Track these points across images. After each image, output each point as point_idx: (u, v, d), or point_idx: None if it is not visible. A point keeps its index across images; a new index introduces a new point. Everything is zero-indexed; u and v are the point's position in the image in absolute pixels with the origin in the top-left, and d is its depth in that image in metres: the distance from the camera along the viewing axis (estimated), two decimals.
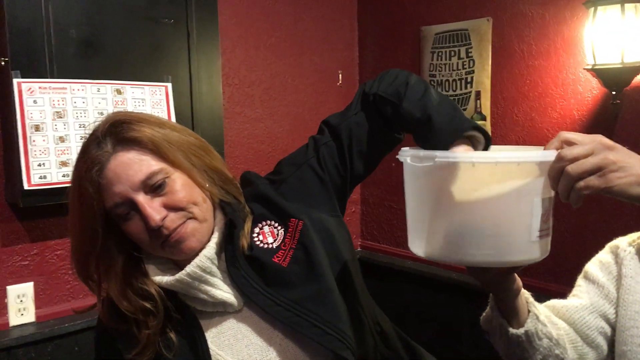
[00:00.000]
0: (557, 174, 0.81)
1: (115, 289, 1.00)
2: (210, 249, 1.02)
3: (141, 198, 0.96)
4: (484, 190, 0.82)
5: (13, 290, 1.98)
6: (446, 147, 0.95)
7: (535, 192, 0.83)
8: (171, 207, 0.98)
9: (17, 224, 1.98)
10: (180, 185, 0.99)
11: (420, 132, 1.02)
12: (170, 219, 0.97)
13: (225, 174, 1.08)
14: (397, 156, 0.92)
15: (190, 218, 0.99)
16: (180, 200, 0.98)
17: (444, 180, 0.84)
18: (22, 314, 1.99)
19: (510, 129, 2.35)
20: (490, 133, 2.37)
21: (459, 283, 2.46)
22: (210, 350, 1.00)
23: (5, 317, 1.97)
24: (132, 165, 0.96)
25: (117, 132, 0.97)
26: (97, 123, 1.01)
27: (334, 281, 1.04)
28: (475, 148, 0.99)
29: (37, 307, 2.03)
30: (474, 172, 0.82)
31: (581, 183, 0.79)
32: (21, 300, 1.99)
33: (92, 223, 0.97)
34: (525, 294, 1.04)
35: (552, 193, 0.85)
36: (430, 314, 2.63)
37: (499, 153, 0.83)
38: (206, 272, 1.00)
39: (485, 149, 1.01)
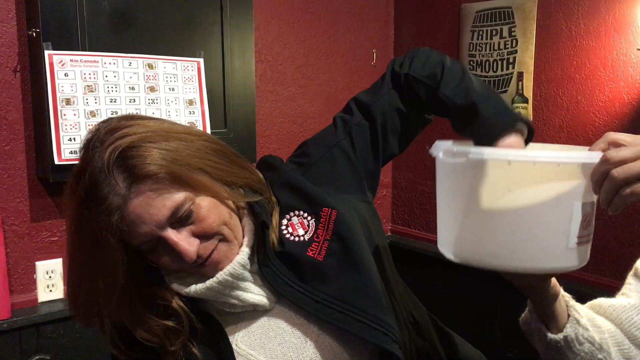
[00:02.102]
0: (601, 177, 0.74)
1: (132, 318, 0.91)
2: (244, 254, 0.95)
3: (170, 234, 0.87)
4: (519, 191, 0.76)
5: (42, 266, 1.97)
6: (493, 139, 0.89)
7: (576, 196, 0.76)
8: (201, 235, 0.90)
9: (47, 199, 1.96)
10: (206, 209, 0.90)
11: (462, 120, 0.96)
12: (203, 247, 0.90)
13: (245, 171, 0.99)
14: (429, 151, 0.86)
15: (220, 240, 0.92)
16: (211, 226, 0.90)
17: (477, 178, 0.78)
18: (50, 290, 1.98)
19: (553, 112, 2.25)
20: (531, 116, 2.29)
21: (492, 270, 2.38)
22: (242, 351, 0.94)
23: (34, 293, 1.96)
24: (154, 203, 0.86)
25: (127, 166, 0.85)
26: (93, 142, 0.87)
27: (376, 271, 0.98)
28: None
29: (65, 283, 2.01)
30: (510, 171, 0.76)
31: (627, 189, 0.72)
32: (50, 277, 1.98)
33: (113, 273, 0.86)
34: (566, 297, 0.97)
35: (595, 197, 0.78)
36: (461, 301, 2.57)
37: (538, 152, 0.76)
38: (238, 278, 0.94)
39: (528, 141, 0.94)
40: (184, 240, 0.88)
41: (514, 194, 0.76)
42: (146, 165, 0.85)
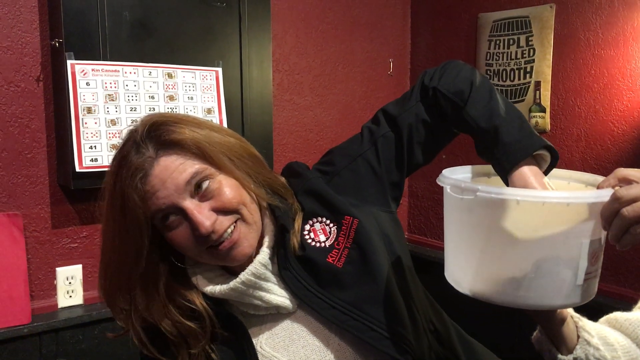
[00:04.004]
0: (612, 215, 0.72)
1: (158, 311, 0.94)
2: (264, 254, 0.96)
3: (189, 203, 0.90)
4: (528, 230, 0.75)
5: (62, 272, 2.00)
6: (512, 165, 0.89)
7: (585, 234, 0.75)
8: (220, 210, 0.92)
9: (68, 206, 2.00)
10: (227, 186, 0.93)
11: (483, 142, 0.96)
12: (220, 222, 0.91)
13: (270, 174, 1.02)
14: (437, 180, 0.85)
15: (238, 219, 0.94)
16: (230, 201, 0.92)
17: (485, 216, 0.77)
18: (70, 296, 2.01)
19: (571, 121, 2.24)
20: (549, 126, 2.28)
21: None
22: (266, 353, 0.96)
23: (54, 299, 1.99)
24: (177, 168, 0.90)
25: (157, 135, 0.91)
26: (131, 128, 0.95)
27: (393, 281, 0.98)
28: (540, 167, 0.92)
29: (85, 289, 2.04)
30: (519, 210, 0.74)
31: (638, 228, 0.71)
32: (70, 282, 2.01)
33: (138, 236, 0.89)
34: (575, 318, 0.96)
35: (603, 233, 0.77)
36: (478, 310, 2.55)
37: (547, 192, 0.75)
38: (260, 278, 0.95)
39: (551, 168, 0.93)
40: (202, 213, 0.90)
41: (523, 233, 0.76)
42: (175, 134, 0.91)
